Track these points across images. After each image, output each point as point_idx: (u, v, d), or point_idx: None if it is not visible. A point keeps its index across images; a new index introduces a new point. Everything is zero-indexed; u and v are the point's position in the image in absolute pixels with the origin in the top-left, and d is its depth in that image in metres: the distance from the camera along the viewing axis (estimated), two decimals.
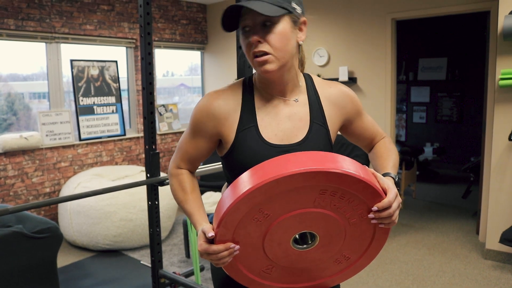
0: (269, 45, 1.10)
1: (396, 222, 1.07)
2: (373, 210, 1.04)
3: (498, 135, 3.36)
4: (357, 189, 1.01)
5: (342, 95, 1.27)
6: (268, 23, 1.10)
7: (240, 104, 1.21)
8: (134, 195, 3.84)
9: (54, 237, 2.63)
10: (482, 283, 3.14)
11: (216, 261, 1.06)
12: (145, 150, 2.61)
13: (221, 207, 1.04)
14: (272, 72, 1.12)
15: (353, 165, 1.02)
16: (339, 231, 1.09)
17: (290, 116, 1.21)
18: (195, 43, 5.80)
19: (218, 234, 1.04)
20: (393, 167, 1.23)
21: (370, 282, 3.20)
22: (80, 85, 4.56)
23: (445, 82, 7.04)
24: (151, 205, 2.63)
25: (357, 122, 1.32)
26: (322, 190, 1.00)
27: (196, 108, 1.23)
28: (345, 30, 4.67)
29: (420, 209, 4.98)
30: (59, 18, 4.32)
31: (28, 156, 4.13)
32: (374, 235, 1.12)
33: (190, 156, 1.27)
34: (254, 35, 1.10)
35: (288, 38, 1.13)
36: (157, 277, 2.72)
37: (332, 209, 1.05)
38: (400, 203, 1.06)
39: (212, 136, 1.22)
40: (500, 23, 3.20)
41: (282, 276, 1.17)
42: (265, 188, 0.97)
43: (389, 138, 1.39)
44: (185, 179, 1.27)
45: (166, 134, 5.45)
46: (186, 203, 1.23)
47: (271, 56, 1.11)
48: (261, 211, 1.02)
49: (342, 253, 1.15)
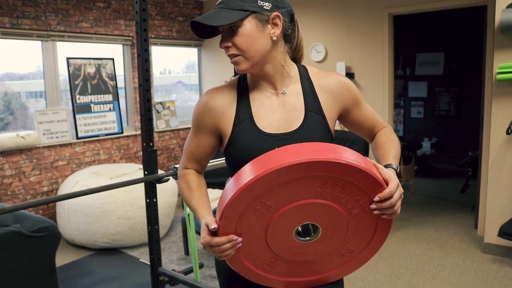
0: (236, 47, 1.17)
1: (399, 213, 1.07)
2: (374, 200, 1.04)
3: (496, 129, 3.36)
4: (358, 179, 1.01)
5: (339, 84, 1.28)
6: (233, 28, 1.16)
7: (236, 99, 1.26)
8: (132, 193, 3.83)
9: (52, 236, 2.62)
10: (481, 276, 3.15)
11: (219, 254, 1.06)
12: (143, 147, 2.59)
13: (223, 199, 1.05)
14: (245, 70, 1.20)
15: (354, 155, 1.02)
16: (341, 223, 1.09)
17: (284, 105, 1.24)
18: (192, 40, 5.78)
19: (220, 226, 1.04)
20: (394, 158, 1.23)
21: (370, 277, 3.21)
22: (76, 83, 4.54)
23: (443, 76, 7.05)
24: (149, 203, 2.63)
25: (356, 112, 1.32)
26: (323, 181, 1.01)
27: (196, 106, 1.29)
28: (342, 26, 4.66)
29: (419, 204, 4.99)
30: (54, 15, 4.30)
31: (25, 155, 4.11)
32: (377, 227, 1.12)
33: (194, 155, 1.32)
34: (223, 41, 1.19)
35: (254, 38, 1.17)
36: (156, 274, 2.71)
37: (334, 200, 1.05)
38: (402, 193, 1.06)
39: (212, 131, 1.27)
40: (498, 17, 3.19)
41: (285, 269, 1.17)
42: (266, 178, 0.98)
43: (390, 127, 1.39)
44: (191, 178, 1.31)
45: (163, 132, 5.43)
46: (191, 200, 1.25)
47: (240, 57, 1.18)
48: (263, 202, 1.02)
49: (345, 245, 1.15)
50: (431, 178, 6.31)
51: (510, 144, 3.32)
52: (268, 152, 1.05)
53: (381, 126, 1.38)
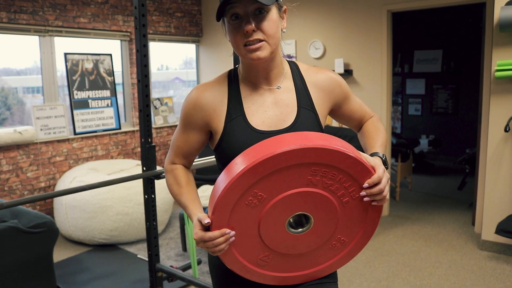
0: (262, 32, 1.11)
1: (388, 199, 1.09)
2: (364, 187, 1.07)
3: (494, 126, 3.36)
4: (347, 166, 1.04)
5: (329, 80, 1.28)
6: (261, 11, 1.11)
7: (227, 95, 1.23)
8: (130, 189, 3.83)
9: (49, 231, 2.62)
10: (478, 273, 3.16)
11: (212, 249, 1.06)
12: (141, 143, 2.59)
13: (215, 193, 1.06)
14: (264, 58, 1.13)
15: (341, 142, 1.05)
16: (332, 212, 1.11)
17: (276, 102, 1.23)
18: (190, 36, 5.76)
19: (213, 221, 1.04)
20: (380, 146, 1.25)
21: (367, 274, 3.21)
22: (74, 78, 4.52)
23: (441, 74, 7.05)
24: (147, 199, 2.62)
25: (346, 106, 1.34)
26: (313, 168, 1.03)
27: (185, 102, 1.25)
28: (341, 22, 4.65)
29: (416, 201, 5.00)
30: (52, 11, 4.27)
31: (22, 150, 4.10)
32: (367, 214, 1.14)
33: (182, 150, 1.29)
34: (248, 24, 1.09)
35: (278, 26, 1.15)
36: (154, 271, 2.71)
37: (325, 188, 1.07)
38: (388, 179, 1.10)
39: (201, 128, 1.24)
40: (496, 14, 3.19)
41: (279, 264, 1.18)
42: (256, 168, 0.99)
43: (377, 116, 1.41)
44: (179, 173, 1.29)
45: (161, 128, 5.42)
46: (181, 196, 1.24)
47: (264, 43, 1.12)
48: (254, 193, 1.03)
49: (337, 235, 1.16)
50: (428, 175, 6.32)
51: (508, 141, 3.33)
52: (257, 143, 1.06)
53: (369, 116, 1.40)
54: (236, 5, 1.09)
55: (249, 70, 1.22)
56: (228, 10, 1.11)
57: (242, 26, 1.10)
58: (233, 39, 1.14)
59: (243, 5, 1.09)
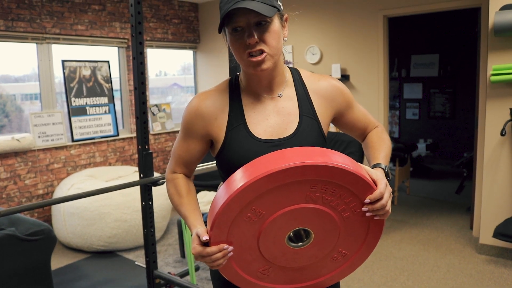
0: (265, 44, 1.11)
1: (390, 212, 1.07)
2: (365, 202, 1.04)
3: (490, 130, 3.37)
4: (348, 182, 1.01)
5: (332, 88, 1.27)
6: (263, 23, 1.10)
7: (228, 104, 1.22)
8: (128, 195, 3.83)
9: (47, 239, 2.61)
10: (476, 277, 3.16)
11: (210, 263, 1.05)
12: (138, 150, 2.59)
13: (214, 207, 1.04)
14: (267, 69, 1.13)
15: (342, 158, 1.02)
16: (333, 227, 1.09)
17: (278, 111, 1.22)
18: (187, 42, 5.78)
19: (212, 236, 1.03)
20: (384, 158, 1.22)
21: (366, 278, 3.21)
22: (72, 85, 4.53)
23: (438, 78, 7.08)
24: (145, 206, 2.62)
25: (349, 114, 1.31)
26: (313, 185, 1.01)
27: (186, 110, 1.25)
28: (338, 28, 4.68)
29: (414, 205, 5.00)
30: (49, 18, 4.29)
31: (20, 158, 4.10)
32: (369, 228, 1.11)
33: (183, 159, 1.28)
34: (251, 36, 1.09)
35: (280, 36, 1.14)
36: (152, 277, 2.71)
37: (324, 204, 1.04)
38: (391, 192, 1.07)
39: (202, 136, 1.23)
40: (491, 19, 3.21)
41: (280, 277, 1.16)
42: (255, 185, 0.97)
43: (382, 127, 1.38)
44: (180, 183, 1.28)
45: (159, 134, 5.43)
46: (181, 206, 1.23)
47: (267, 55, 1.11)
48: (253, 209, 1.01)
49: (338, 249, 1.14)
50: (426, 179, 6.33)
51: (504, 145, 3.34)
52: (256, 158, 1.04)
53: (374, 126, 1.37)
54: (238, 17, 1.09)
55: (250, 79, 1.21)
56: (229, 22, 1.10)
57: (244, 38, 1.10)
58: (235, 50, 1.14)
59: (245, 17, 1.09)
